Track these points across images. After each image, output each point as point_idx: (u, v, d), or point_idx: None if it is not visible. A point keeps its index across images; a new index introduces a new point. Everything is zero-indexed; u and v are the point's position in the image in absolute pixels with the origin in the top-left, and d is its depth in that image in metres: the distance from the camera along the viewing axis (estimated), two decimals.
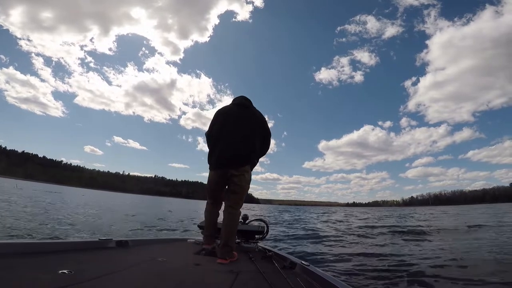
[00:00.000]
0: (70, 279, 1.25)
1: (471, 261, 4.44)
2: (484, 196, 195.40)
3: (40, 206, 11.49)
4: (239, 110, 2.54)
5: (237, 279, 1.63)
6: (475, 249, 5.41)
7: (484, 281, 3.25)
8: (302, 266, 1.94)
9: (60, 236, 5.21)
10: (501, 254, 4.80)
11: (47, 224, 6.48)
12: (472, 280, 3.31)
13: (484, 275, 3.48)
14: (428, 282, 3.32)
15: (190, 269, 1.80)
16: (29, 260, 1.49)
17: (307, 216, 22.19)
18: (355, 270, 3.90)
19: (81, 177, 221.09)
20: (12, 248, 1.61)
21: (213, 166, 2.45)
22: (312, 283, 1.62)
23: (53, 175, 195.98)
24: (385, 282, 3.35)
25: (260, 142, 2.54)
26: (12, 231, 5.09)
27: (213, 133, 2.51)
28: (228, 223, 2.30)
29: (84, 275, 1.33)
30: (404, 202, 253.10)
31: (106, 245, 2.14)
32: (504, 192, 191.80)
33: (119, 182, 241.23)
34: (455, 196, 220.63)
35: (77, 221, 7.93)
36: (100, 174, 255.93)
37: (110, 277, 1.40)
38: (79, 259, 1.65)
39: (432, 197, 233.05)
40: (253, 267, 1.98)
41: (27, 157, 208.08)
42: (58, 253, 1.72)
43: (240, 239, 3.03)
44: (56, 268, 1.34)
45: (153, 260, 1.88)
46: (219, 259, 2.10)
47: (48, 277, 1.24)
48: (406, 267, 3.97)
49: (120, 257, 1.95)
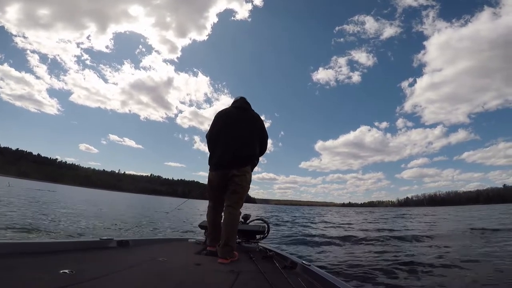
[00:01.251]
0: (70, 279, 1.25)
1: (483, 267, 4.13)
2: (478, 197, 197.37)
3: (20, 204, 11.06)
4: (238, 112, 2.61)
5: (238, 279, 1.63)
6: (486, 255, 4.95)
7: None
8: (303, 266, 1.93)
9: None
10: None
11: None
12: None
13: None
14: (430, 283, 3.31)
15: (190, 269, 1.80)
16: (29, 260, 1.49)
17: (305, 216, 22.24)
18: (356, 270, 3.90)
19: (76, 175, 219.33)
20: (12, 248, 1.61)
21: (214, 167, 2.47)
22: (313, 283, 1.62)
23: (47, 173, 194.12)
24: (387, 283, 3.35)
25: (259, 144, 2.61)
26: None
27: (214, 135, 2.56)
28: (229, 223, 2.30)
29: (84, 275, 1.33)
30: (399, 203, 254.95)
31: (107, 245, 2.14)
32: (497, 193, 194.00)
33: (115, 180, 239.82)
34: (450, 197, 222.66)
35: (38, 222, 6.73)
36: (95, 172, 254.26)
37: (110, 277, 1.40)
38: (80, 259, 1.66)
39: (427, 198, 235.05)
40: (254, 267, 1.98)
41: (21, 155, 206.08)
42: (58, 253, 1.73)
43: (240, 239, 3.03)
44: (57, 268, 1.34)
45: (153, 260, 1.88)
46: (220, 259, 2.10)
47: (48, 277, 1.24)
48: (409, 269, 3.93)
49: (120, 257, 1.96)
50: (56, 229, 5.98)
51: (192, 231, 7.52)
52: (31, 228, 5.56)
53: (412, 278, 3.52)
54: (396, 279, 3.51)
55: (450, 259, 4.56)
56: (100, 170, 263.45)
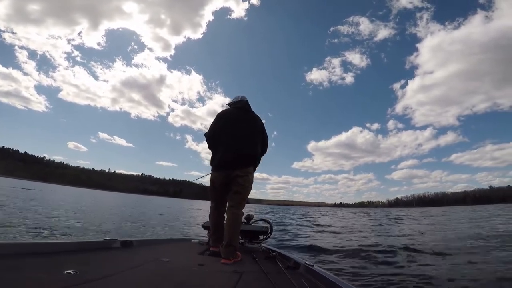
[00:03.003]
0: (74, 279, 1.26)
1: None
2: (465, 198, 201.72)
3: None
4: (239, 113, 2.63)
5: (241, 280, 1.65)
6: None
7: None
8: (306, 266, 1.96)
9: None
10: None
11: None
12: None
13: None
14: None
15: (194, 270, 1.80)
16: (33, 260, 1.49)
17: (301, 216, 22.27)
18: (360, 270, 3.92)
19: (64, 174, 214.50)
20: (16, 248, 1.61)
21: (217, 167, 2.48)
22: (316, 284, 1.64)
23: (34, 171, 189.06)
24: (391, 284, 3.35)
25: (260, 145, 2.64)
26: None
27: (215, 135, 2.57)
28: (232, 224, 2.31)
29: (88, 276, 1.34)
30: (390, 203, 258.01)
31: (110, 245, 2.15)
32: (484, 194, 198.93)
33: (104, 180, 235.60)
34: (438, 197, 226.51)
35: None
36: (85, 171, 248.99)
37: (114, 277, 1.41)
38: (84, 260, 1.66)
39: (416, 198, 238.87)
40: (257, 267, 1.99)
41: (8, 153, 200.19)
42: (62, 254, 1.73)
43: (243, 239, 3.05)
44: (61, 268, 1.35)
45: (157, 260, 1.89)
46: (223, 259, 2.11)
47: (52, 278, 1.25)
48: (415, 274, 3.81)
49: (124, 257, 1.96)
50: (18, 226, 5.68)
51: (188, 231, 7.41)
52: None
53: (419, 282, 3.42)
54: (403, 282, 3.45)
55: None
56: (90, 169, 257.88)
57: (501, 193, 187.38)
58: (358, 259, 4.74)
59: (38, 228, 5.86)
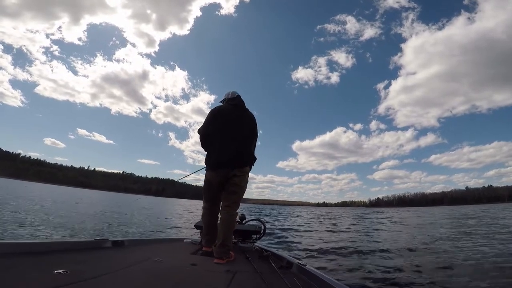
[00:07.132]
0: (66, 279, 1.25)
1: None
2: (442, 199, 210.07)
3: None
4: (236, 111, 2.55)
5: (234, 279, 1.65)
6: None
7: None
8: (299, 266, 1.98)
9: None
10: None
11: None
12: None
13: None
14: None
15: (186, 269, 1.79)
16: (24, 260, 1.47)
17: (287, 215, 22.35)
18: (352, 269, 3.98)
19: (40, 171, 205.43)
20: (6, 248, 1.58)
21: (213, 166, 2.41)
22: (309, 283, 1.67)
23: (8, 168, 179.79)
24: (384, 282, 3.41)
25: (254, 145, 2.62)
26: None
27: (210, 133, 2.48)
28: (226, 224, 2.29)
29: (80, 275, 1.33)
30: (371, 203, 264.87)
31: (102, 245, 2.12)
32: (461, 195, 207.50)
33: (83, 177, 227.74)
34: (417, 198, 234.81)
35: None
36: (62, 168, 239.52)
37: (106, 277, 1.41)
38: (75, 259, 1.63)
39: (397, 198, 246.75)
40: (250, 267, 2.00)
41: None
42: (53, 253, 1.70)
43: (237, 239, 3.05)
44: (52, 268, 1.34)
45: (149, 260, 1.87)
46: (216, 259, 2.10)
47: (43, 277, 1.24)
48: (406, 271, 3.91)
49: (116, 257, 1.94)
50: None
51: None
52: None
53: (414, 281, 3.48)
54: (396, 280, 3.51)
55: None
56: (68, 166, 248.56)
57: (476, 194, 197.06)
58: (350, 259, 4.82)
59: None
